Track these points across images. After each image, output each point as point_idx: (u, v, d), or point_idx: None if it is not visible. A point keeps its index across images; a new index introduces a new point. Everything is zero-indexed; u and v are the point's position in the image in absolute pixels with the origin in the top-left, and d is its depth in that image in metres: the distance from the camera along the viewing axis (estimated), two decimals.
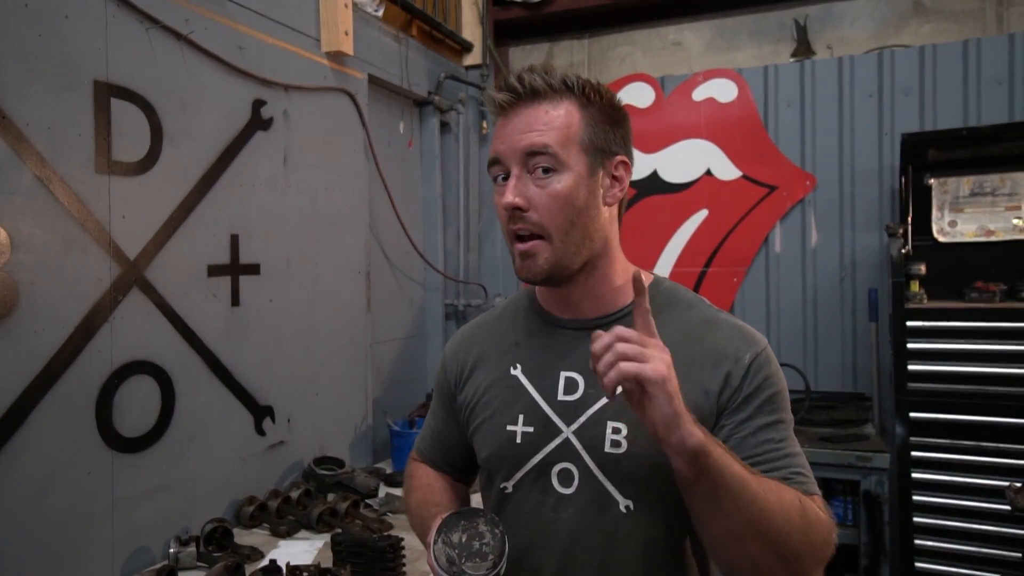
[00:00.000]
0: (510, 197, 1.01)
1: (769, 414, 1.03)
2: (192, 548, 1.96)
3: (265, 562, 1.89)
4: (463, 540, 0.99)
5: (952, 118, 3.12)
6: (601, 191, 1.06)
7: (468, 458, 1.25)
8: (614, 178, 1.08)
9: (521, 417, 1.09)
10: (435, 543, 0.99)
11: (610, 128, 1.06)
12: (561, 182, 1.01)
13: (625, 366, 0.83)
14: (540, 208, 1.01)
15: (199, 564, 1.95)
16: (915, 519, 2.68)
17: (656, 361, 0.84)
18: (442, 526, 1.00)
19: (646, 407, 0.85)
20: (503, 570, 0.97)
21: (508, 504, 1.11)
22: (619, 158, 1.07)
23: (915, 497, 2.69)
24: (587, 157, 1.03)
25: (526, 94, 1.03)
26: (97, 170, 1.88)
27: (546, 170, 1.01)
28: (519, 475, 1.09)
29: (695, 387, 1.03)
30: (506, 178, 1.04)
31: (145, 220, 2.02)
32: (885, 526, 2.73)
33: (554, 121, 1.01)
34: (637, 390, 0.85)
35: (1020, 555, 2.35)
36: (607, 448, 1.03)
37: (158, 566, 1.88)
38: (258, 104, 2.41)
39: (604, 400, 1.05)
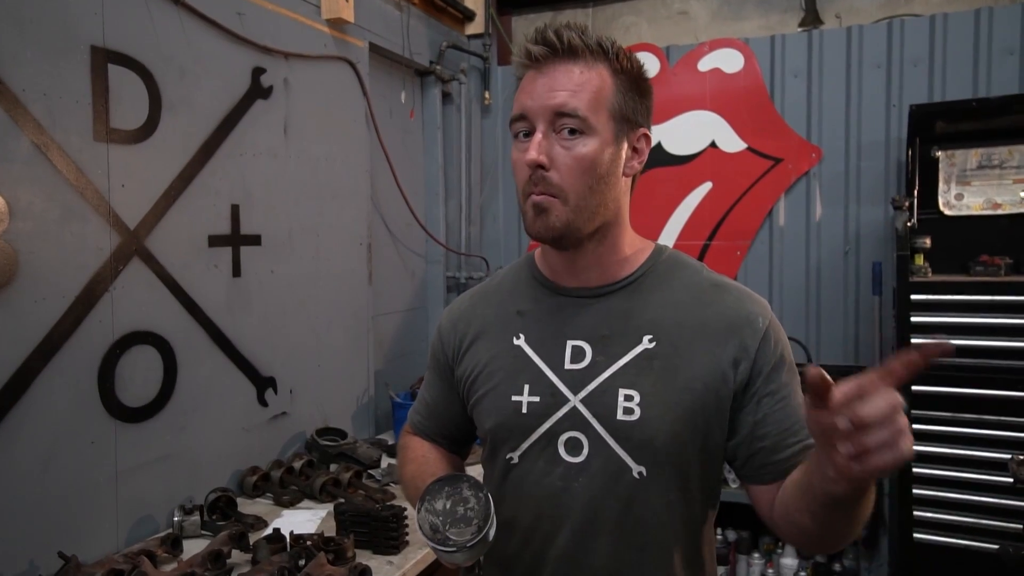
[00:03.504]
0: (534, 154, 0.99)
1: (789, 382, 1.06)
2: (196, 517, 1.97)
3: (269, 531, 1.91)
4: (447, 507, 0.98)
5: (961, 89, 3.07)
6: (622, 160, 1.05)
7: (464, 430, 1.24)
8: (635, 150, 1.07)
9: (527, 387, 1.08)
10: (419, 511, 0.98)
11: (638, 98, 1.05)
12: (587, 146, 1.00)
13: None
14: (562, 169, 1.00)
15: (203, 533, 1.96)
16: (914, 491, 2.70)
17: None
18: (425, 493, 0.99)
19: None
20: (490, 534, 0.96)
21: (514, 474, 1.10)
22: (642, 130, 1.07)
23: (915, 469, 2.70)
24: (614, 124, 1.02)
25: (563, 51, 1.00)
26: (95, 138, 1.85)
27: (572, 131, 0.99)
28: (525, 445, 1.08)
29: (707, 352, 1.03)
30: (528, 134, 1.02)
31: (145, 189, 2.00)
32: (884, 498, 2.75)
33: (588, 83, 0.99)
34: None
35: (1020, 526, 2.36)
36: (619, 415, 1.02)
37: (163, 534, 1.89)
38: (258, 72, 2.38)
39: (614, 368, 1.04)
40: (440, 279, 3.64)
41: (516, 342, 1.12)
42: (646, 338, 1.05)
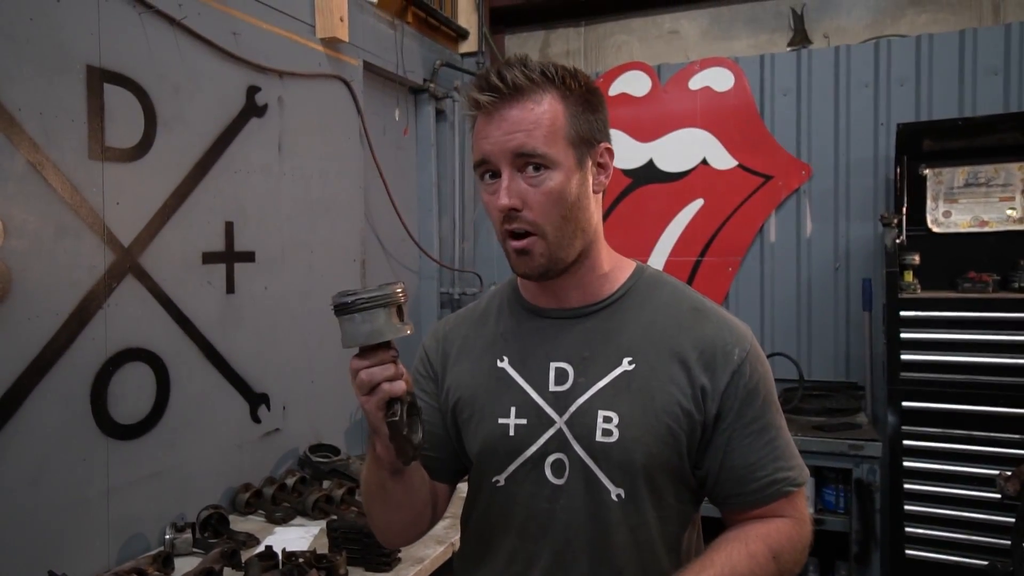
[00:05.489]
0: (504, 200, 1.00)
1: (763, 415, 1.05)
2: (188, 534, 1.96)
3: (261, 548, 1.90)
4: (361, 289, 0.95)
5: (948, 108, 3.12)
6: (589, 181, 1.06)
7: (447, 449, 1.18)
8: (600, 166, 1.07)
9: (513, 409, 1.08)
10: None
11: (592, 115, 1.05)
12: (553, 179, 1.00)
13: None
14: (534, 207, 1.01)
15: (195, 550, 1.95)
16: (906, 507, 2.71)
17: None
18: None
19: None
20: (391, 296, 0.93)
21: (501, 497, 1.10)
22: (604, 145, 1.07)
23: (906, 485, 2.71)
24: (574, 150, 1.02)
25: (509, 92, 1.00)
26: (90, 156, 1.86)
27: (537, 167, 1.00)
28: (512, 468, 1.08)
29: (682, 377, 1.03)
30: (494, 176, 1.03)
31: (139, 207, 2.01)
32: (876, 514, 2.75)
33: (540, 118, 0.99)
34: None
35: (1009, 542, 2.37)
36: (598, 437, 1.03)
37: (154, 552, 1.88)
38: (252, 91, 2.40)
39: (594, 389, 1.05)
40: (434, 295, 3.64)
41: (500, 364, 1.12)
42: (626, 360, 1.05)
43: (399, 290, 0.95)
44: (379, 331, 0.93)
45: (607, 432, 1.03)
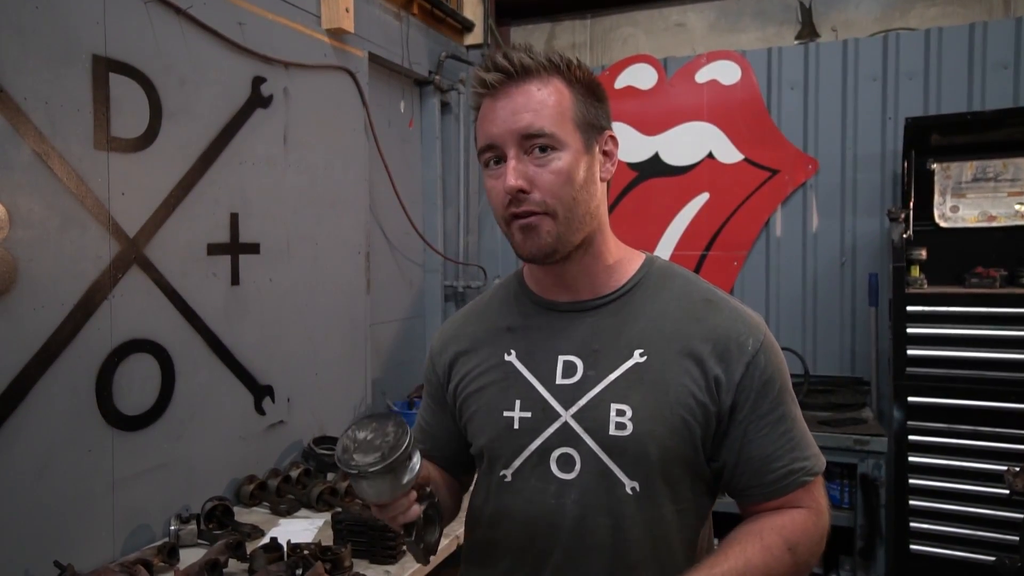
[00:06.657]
0: (512, 180, 0.98)
1: (779, 405, 1.04)
2: (193, 526, 1.97)
3: (266, 540, 1.90)
4: (367, 437, 0.97)
5: (956, 102, 3.10)
6: (597, 166, 1.05)
7: (460, 452, 1.21)
8: (605, 153, 1.07)
9: (518, 403, 1.07)
10: (341, 435, 0.99)
11: (596, 103, 1.05)
12: (561, 159, 0.99)
13: None
14: (543, 187, 0.99)
15: (200, 542, 1.95)
16: (911, 502, 2.70)
17: None
18: (353, 422, 1.00)
19: None
20: (400, 470, 0.95)
21: (509, 492, 1.08)
22: (608, 133, 1.07)
23: (911, 480, 2.70)
24: (581, 134, 1.02)
25: (517, 73, 1.00)
26: (96, 146, 1.86)
27: (544, 148, 0.99)
28: (518, 462, 1.07)
29: (695, 369, 1.02)
30: (498, 161, 1.01)
31: (144, 197, 2.00)
32: (881, 509, 2.75)
33: (547, 99, 0.99)
34: None
35: (1018, 538, 2.37)
36: (612, 430, 1.01)
37: (159, 544, 1.89)
38: (258, 81, 2.39)
39: (605, 382, 1.03)
40: (438, 288, 3.64)
41: (507, 358, 1.11)
42: (637, 352, 1.04)
43: (404, 443, 0.95)
44: (389, 492, 0.98)
45: (621, 425, 1.01)
